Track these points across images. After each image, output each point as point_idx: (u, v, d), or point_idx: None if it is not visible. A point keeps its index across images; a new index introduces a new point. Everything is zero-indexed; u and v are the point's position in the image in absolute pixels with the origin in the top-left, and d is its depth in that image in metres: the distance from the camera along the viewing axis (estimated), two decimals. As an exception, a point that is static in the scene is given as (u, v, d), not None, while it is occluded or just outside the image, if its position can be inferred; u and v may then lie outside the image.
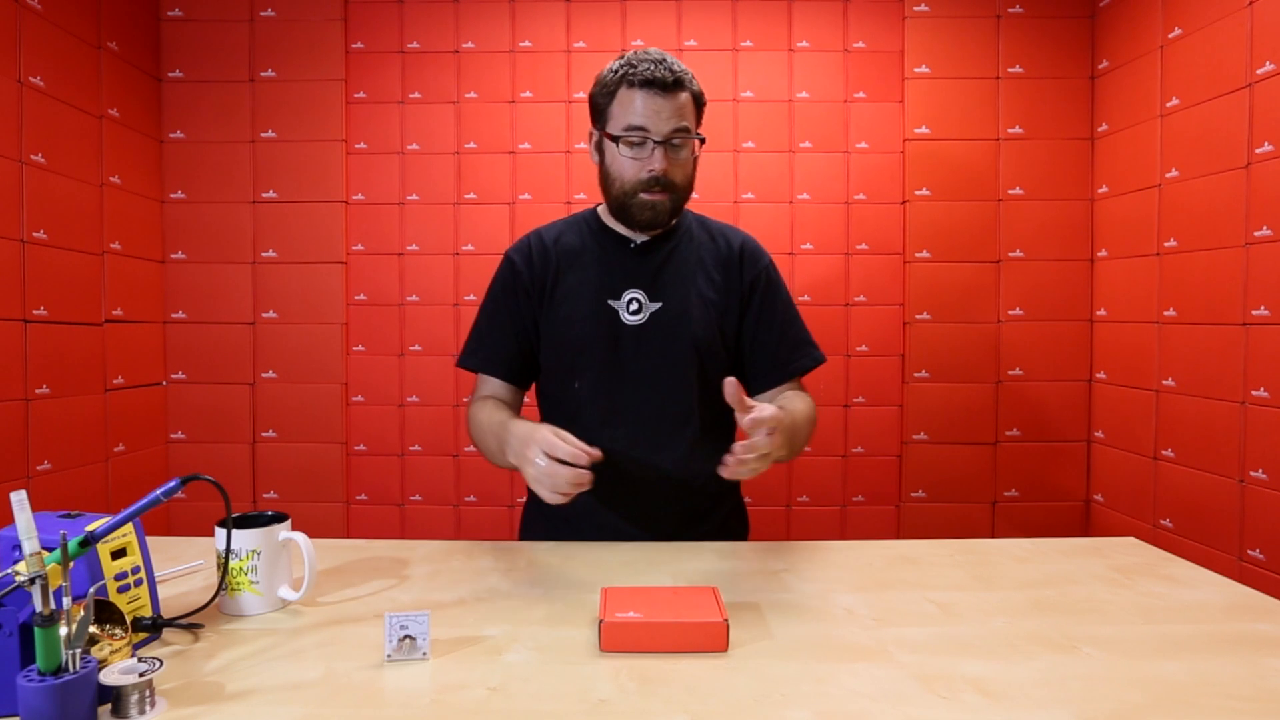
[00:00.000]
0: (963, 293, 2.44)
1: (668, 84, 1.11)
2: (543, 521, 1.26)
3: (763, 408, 0.93)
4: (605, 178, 1.19)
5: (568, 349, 1.20)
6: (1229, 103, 1.86)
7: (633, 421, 1.18)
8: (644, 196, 1.15)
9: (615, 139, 1.14)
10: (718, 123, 2.44)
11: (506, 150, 2.46)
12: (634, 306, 1.19)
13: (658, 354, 1.19)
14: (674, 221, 1.24)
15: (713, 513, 1.26)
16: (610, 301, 1.19)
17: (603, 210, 1.26)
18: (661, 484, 1.19)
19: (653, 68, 1.11)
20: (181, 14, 2.41)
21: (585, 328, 1.19)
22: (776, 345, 1.24)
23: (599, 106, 1.18)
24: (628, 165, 1.15)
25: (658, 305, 1.19)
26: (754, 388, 1.26)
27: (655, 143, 1.12)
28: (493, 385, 1.25)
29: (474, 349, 1.27)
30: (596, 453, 0.95)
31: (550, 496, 0.96)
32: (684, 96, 1.14)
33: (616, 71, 1.15)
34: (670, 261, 1.22)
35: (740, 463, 0.92)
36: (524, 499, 1.34)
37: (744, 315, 1.24)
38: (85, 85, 2.07)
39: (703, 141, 1.18)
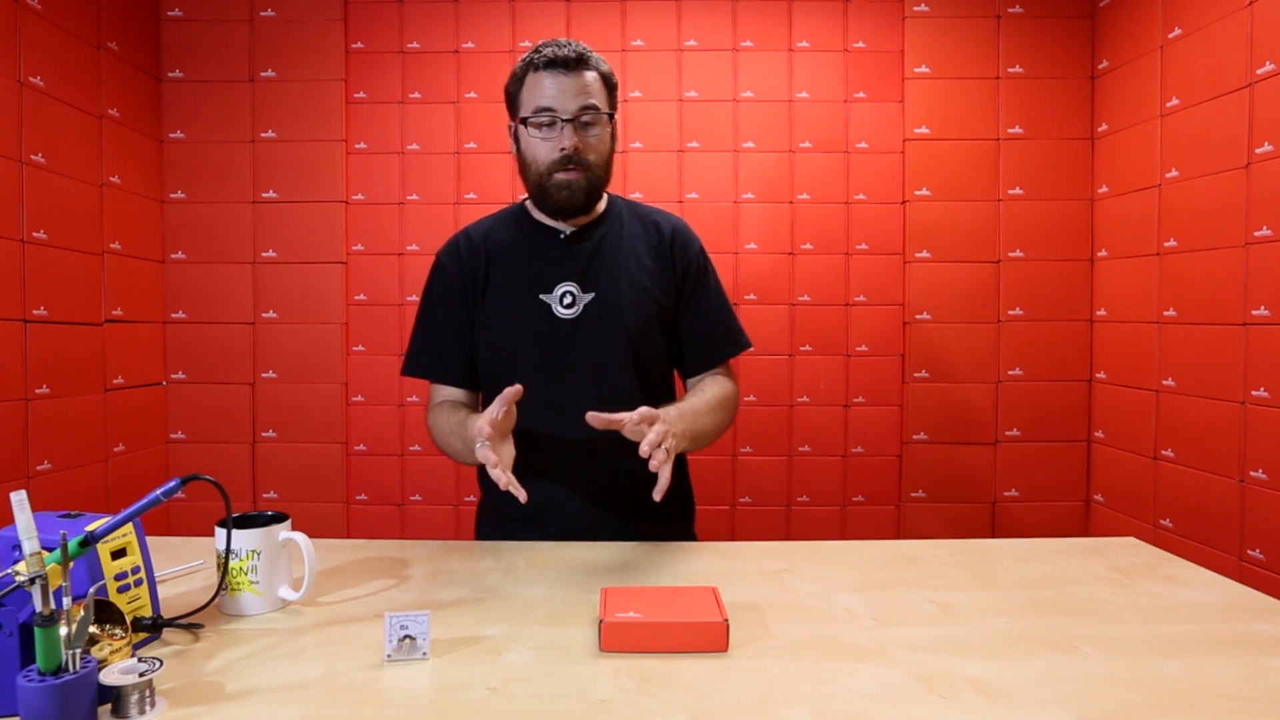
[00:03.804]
0: (963, 293, 2.44)
1: (571, 62, 1.13)
2: (495, 519, 1.28)
3: (639, 412, 0.99)
4: (522, 165, 1.20)
5: (503, 347, 1.21)
6: (1229, 103, 1.86)
7: (574, 413, 1.15)
8: (559, 176, 1.16)
9: (526, 122, 1.16)
10: (718, 123, 2.44)
11: (506, 150, 2.45)
12: (567, 300, 1.19)
13: (593, 345, 1.19)
14: (600, 206, 1.24)
15: (657, 504, 1.26)
16: (542, 296, 1.19)
17: (530, 204, 1.26)
18: (607, 474, 1.19)
19: (556, 49, 1.14)
20: (181, 14, 2.41)
21: (519, 324, 1.19)
22: (708, 333, 1.28)
23: (511, 96, 1.20)
24: (540, 147, 1.16)
25: (590, 296, 1.20)
26: (685, 372, 1.30)
27: (564, 121, 1.14)
28: (445, 392, 1.25)
29: (417, 357, 1.26)
30: (523, 497, 0.96)
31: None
32: (590, 75, 1.15)
33: (524, 60, 1.17)
34: (601, 250, 1.23)
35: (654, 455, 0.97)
36: (478, 498, 1.35)
37: (679, 302, 1.26)
38: (85, 85, 2.07)
39: (611, 118, 1.18)
